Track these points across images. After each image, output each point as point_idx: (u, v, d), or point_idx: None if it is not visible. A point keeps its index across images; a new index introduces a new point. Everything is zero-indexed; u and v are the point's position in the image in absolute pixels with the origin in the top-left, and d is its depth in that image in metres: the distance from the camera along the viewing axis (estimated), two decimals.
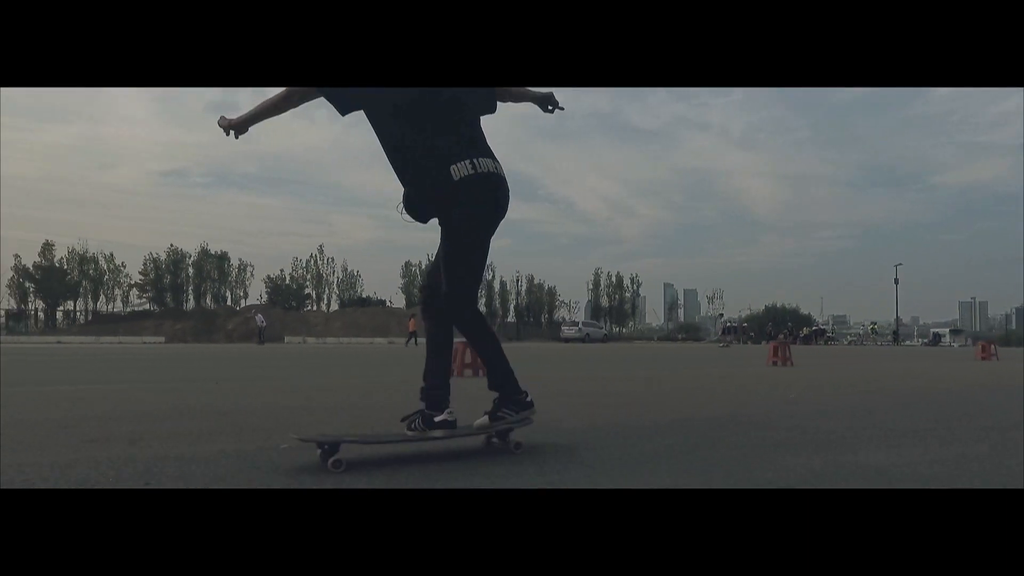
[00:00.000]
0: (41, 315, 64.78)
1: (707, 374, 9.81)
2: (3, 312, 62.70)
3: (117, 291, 69.58)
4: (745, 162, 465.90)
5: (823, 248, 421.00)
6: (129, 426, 3.69)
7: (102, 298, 68.53)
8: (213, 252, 72.02)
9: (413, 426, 2.89)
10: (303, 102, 2.87)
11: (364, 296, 74.16)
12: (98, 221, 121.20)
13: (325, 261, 76.99)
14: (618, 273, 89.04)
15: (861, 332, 61.03)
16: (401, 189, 2.85)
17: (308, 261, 77.10)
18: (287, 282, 76.28)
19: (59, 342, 36.73)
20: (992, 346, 18.20)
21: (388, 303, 70.74)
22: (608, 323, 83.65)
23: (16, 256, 65.55)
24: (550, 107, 3.27)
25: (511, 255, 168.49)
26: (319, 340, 43.25)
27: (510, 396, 2.95)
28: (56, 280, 64.58)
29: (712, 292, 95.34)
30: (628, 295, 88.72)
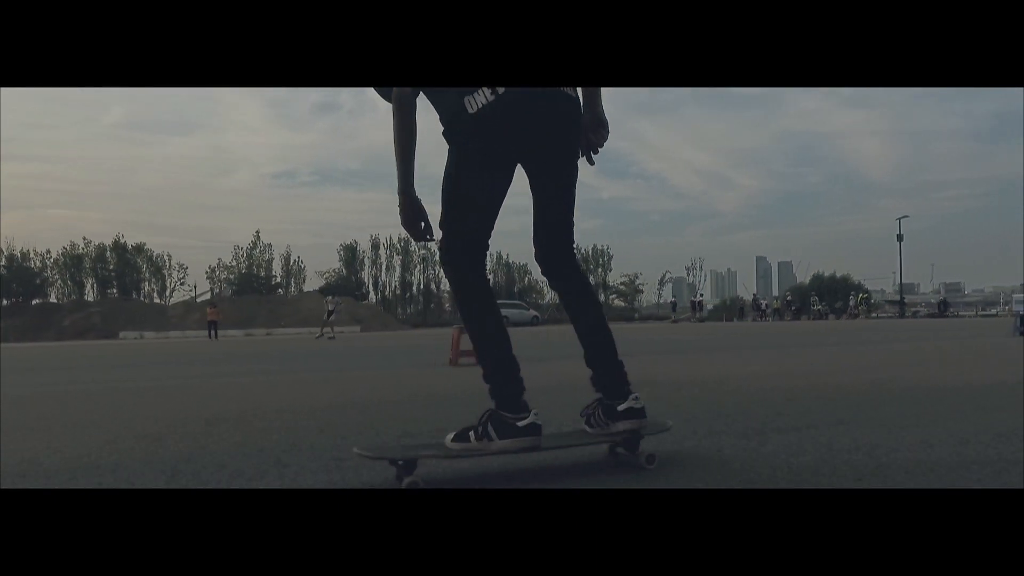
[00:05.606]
0: None
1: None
2: None
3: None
4: (856, 121, 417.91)
5: (943, 210, 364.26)
6: None
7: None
8: (128, 245, 69.93)
9: (593, 421, 2.47)
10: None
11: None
12: (222, 223, 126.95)
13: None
14: (594, 247, 79.64)
15: (852, 303, 45.57)
16: None
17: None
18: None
19: None
20: None
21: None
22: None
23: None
24: (592, 152, 2.56)
25: (599, 235, 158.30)
26: (182, 334, 39.66)
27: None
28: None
29: (806, 263, 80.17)
30: (597, 269, 77.66)
